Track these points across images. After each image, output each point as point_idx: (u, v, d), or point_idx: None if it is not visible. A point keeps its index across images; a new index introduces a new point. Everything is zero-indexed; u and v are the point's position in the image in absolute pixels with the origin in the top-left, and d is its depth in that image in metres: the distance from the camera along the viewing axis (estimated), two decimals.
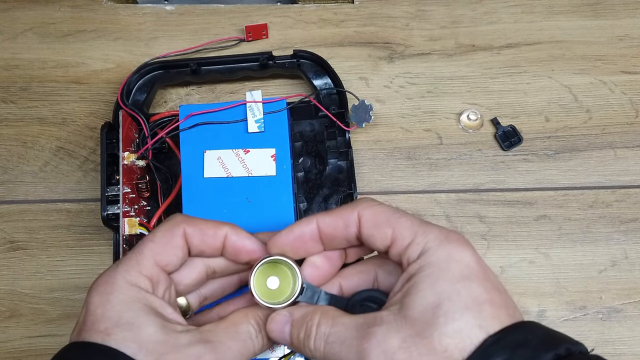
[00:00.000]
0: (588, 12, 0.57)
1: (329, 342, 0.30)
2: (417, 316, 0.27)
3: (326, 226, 0.32)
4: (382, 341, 0.27)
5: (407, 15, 0.57)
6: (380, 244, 0.31)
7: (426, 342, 0.27)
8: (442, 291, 0.28)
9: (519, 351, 0.26)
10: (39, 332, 0.48)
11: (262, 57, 0.52)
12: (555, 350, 0.26)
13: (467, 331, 0.27)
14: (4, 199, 0.52)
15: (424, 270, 0.29)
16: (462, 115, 0.53)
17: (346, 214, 0.32)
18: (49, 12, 0.57)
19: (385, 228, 0.31)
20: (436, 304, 0.27)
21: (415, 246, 0.29)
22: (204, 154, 0.46)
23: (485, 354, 0.26)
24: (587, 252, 0.49)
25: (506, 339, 0.26)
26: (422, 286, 0.28)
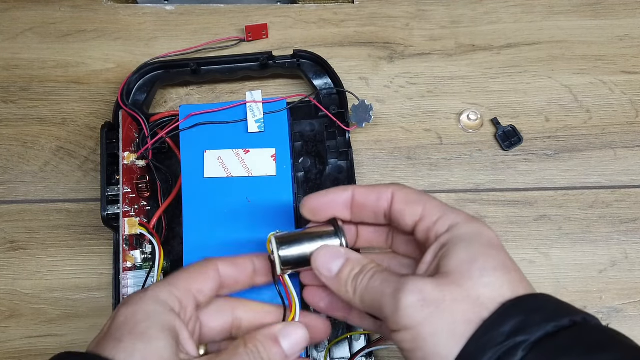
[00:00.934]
0: (588, 12, 0.57)
1: (370, 286, 0.32)
2: (452, 269, 0.30)
3: (361, 195, 0.35)
4: (417, 290, 0.29)
5: (407, 15, 0.57)
6: (409, 218, 0.33)
7: (460, 289, 0.29)
8: (476, 251, 0.30)
9: (534, 314, 0.28)
10: (39, 332, 0.48)
11: (262, 57, 0.52)
12: (571, 317, 0.28)
13: (498, 286, 0.29)
14: (4, 199, 0.52)
15: (456, 238, 0.31)
16: (462, 115, 0.53)
17: (381, 188, 0.35)
18: (49, 12, 0.57)
19: (416, 205, 0.33)
20: (471, 260, 0.30)
21: (444, 221, 0.32)
22: (204, 154, 0.46)
23: (505, 313, 0.28)
24: (587, 252, 0.49)
25: (524, 304, 0.29)
26: (457, 248, 0.31)
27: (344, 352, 0.45)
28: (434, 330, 0.28)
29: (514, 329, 0.27)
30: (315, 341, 0.38)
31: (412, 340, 0.29)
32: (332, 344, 0.45)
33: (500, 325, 0.28)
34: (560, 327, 0.28)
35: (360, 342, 0.45)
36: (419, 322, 0.29)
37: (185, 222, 0.44)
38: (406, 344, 0.29)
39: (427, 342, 0.28)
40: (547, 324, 0.27)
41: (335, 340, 0.45)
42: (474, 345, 0.28)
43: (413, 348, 0.29)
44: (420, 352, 0.29)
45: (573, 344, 0.27)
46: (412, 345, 0.29)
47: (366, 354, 0.45)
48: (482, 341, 0.27)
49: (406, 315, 0.29)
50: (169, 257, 0.47)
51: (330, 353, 0.45)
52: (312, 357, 0.45)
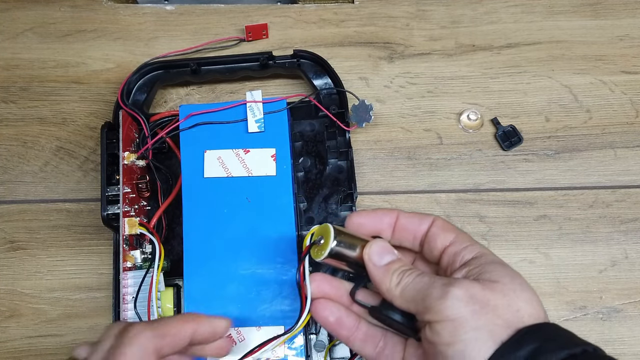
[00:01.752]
0: (588, 12, 0.57)
1: (417, 280, 0.33)
2: (496, 279, 0.32)
3: (405, 218, 0.37)
4: (465, 286, 0.31)
5: (407, 15, 0.57)
6: (440, 242, 0.36)
7: (504, 297, 0.31)
8: (512, 272, 0.32)
9: (550, 342, 0.29)
10: (39, 332, 0.48)
11: (262, 57, 0.52)
12: (583, 346, 0.30)
13: (535, 305, 0.31)
14: (4, 199, 0.52)
15: (490, 261, 0.33)
16: (462, 115, 0.53)
17: (424, 215, 0.37)
18: (49, 12, 0.57)
19: (449, 232, 0.36)
20: (512, 276, 0.32)
21: (472, 249, 0.34)
22: (204, 153, 0.46)
23: (521, 338, 0.29)
24: (587, 252, 0.49)
25: (540, 331, 0.30)
26: (495, 266, 0.33)
27: (344, 352, 0.45)
28: (477, 325, 0.30)
29: (530, 353, 0.28)
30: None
31: (453, 332, 0.30)
32: (332, 343, 0.45)
33: (517, 349, 0.29)
34: (571, 354, 0.29)
35: None
36: (463, 315, 0.30)
37: (185, 222, 0.45)
38: (445, 336, 0.30)
39: (468, 334, 0.29)
40: (562, 351, 0.29)
41: (335, 340, 0.45)
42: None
43: (452, 340, 0.30)
44: (459, 344, 0.30)
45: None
46: (451, 337, 0.30)
47: None
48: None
49: (452, 306, 0.30)
50: (168, 257, 0.47)
51: (331, 353, 0.45)
52: (312, 357, 0.45)
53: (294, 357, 0.42)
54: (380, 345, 0.36)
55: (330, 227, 0.35)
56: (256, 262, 0.44)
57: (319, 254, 0.35)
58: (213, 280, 0.43)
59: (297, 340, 0.42)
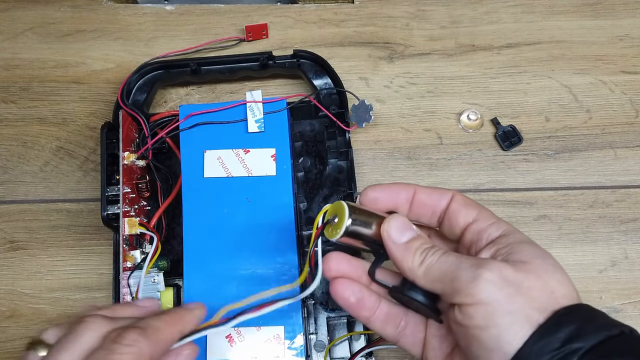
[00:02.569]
0: (588, 12, 0.57)
1: (443, 260, 0.32)
2: (527, 260, 0.30)
3: (423, 193, 0.36)
4: (497, 268, 0.30)
5: (407, 15, 0.57)
6: (463, 219, 0.34)
7: (538, 279, 0.30)
8: (542, 252, 0.31)
9: (588, 323, 0.29)
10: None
11: (262, 57, 0.52)
12: (621, 327, 0.29)
13: (568, 285, 0.30)
14: (4, 199, 0.52)
15: (519, 240, 0.32)
16: (462, 115, 0.53)
17: (442, 190, 0.36)
18: (49, 12, 0.57)
19: (472, 208, 0.34)
20: (543, 256, 0.31)
21: (497, 227, 0.33)
22: (204, 153, 0.46)
23: (559, 320, 0.29)
24: (587, 252, 0.49)
25: (577, 313, 0.29)
26: (524, 246, 0.31)
27: (344, 352, 0.45)
28: (512, 309, 0.29)
29: (569, 336, 0.28)
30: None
31: (487, 316, 0.29)
32: (332, 343, 0.45)
33: (556, 332, 0.28)
34: (610, 336, 0.28)
35: (360, 342, 0.45)
36: (497, 299, 0.29)
37: (185, 222, 0.45)
38: (479, 319, 0.29)
39: (504, 319, 0.28)
40: (600, 332, 0.28)
41: (335, 340, 0.45)
42: (530, 348, 0.28)
43: (487, 324, 0.29)
44: (494, 329, 0.29)
45: (624, 351, 0.28)
46: (485, 321, 0.29)
47: (366, 354, 0.45)
48: (538, 346, 0.28)
49: (485, 289, 0.29)
50: (169, 257, 0.47)
51: (330, 353, 0.45)
52: (312, 357, 0.45)
53: (294, 357, 0.42)
54: (402, 325, 0.35)
55: (344, 204, 0.34)
56: (256, 262, 0.44)
57: (333, 233, 0.34)
58: (213, 280, 0.43)
59: (297, 340, 0.42)
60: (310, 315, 0.46)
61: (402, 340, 0.36)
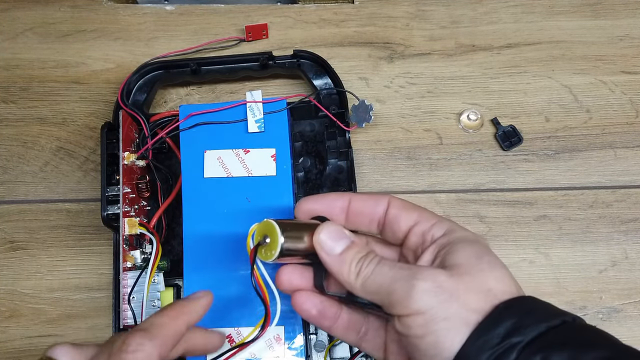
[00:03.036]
0: (588, 12, 0.57)
1: (378, 272, 0.32)
2: (462, 262, 0.30)
3: (358, 201, 0.36)
4: (431, 277, 0.30)
5: (407, 15, 0.57)
6: (404, 223, 0.34)
7: (473, 280, 0.30)
8: (480, 248, 0.31)
9: (527, 316, 0.28)
10: (39, 332, 0.48)
11: (262, 57, 0.52)
12: (562, 317, 0.29)
13: (507, 281, 0.30)
14: (4, 199, 0.52)
15: (457, 239, 0.32)
16: (462, 115, 0.53)
17: (378, 196, 0.36)
18: (49, 12, 0.57)
19: (411, 211, 0.34)
20: (479, 255, 0.31)
21: (440, 226, 0.33)
22: (204, 154, 0.46)
23: (498, 315, 0.29)
24: (587, 252, 0.49)
25: (516, 306, 0.29)
26: (462, 246, 0.31)
27: (343, 352, 0.45)
28: (447, 315, 0.29)
29: (509, 330, 0.28)
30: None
31: (424, 324, 0.29)
32: (332, 344, 0.45)
33: (494, 328, 0.28)
34: (551, 326, 0.28)
35: None
36: (432, 307, 0.29)
37: (185, 222, 0.45)
38: (416, 329, 0.29)
39: (439, 325, 0.29)
40: (540, 324, 0.28)
41: (335, 340, 0.45)
42: (470, 347, 0.28)
43: (423, 333, 0.29)
44: (431, 336, 0.29)
45: (564, 342, 0.27)
46: (422, 330, 0.29)
47: (365, 354, 0.45)
48: (478, 343, 0.28)
49: (420, 299, 0.29)
50: (169, 257, 0.47)
51: (330, 353, 0.45)
52: (312, 357, 0.45)
53: (294, 357, 0.42)
54: (363, 330, 0.36)
55: (272, 222, 0.33)
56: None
57: (268, 255, 0.33)
58: (213, 280, 0.43)
59: (297, 340, 0.42)
60: None
61: (363, 345, 0.36)
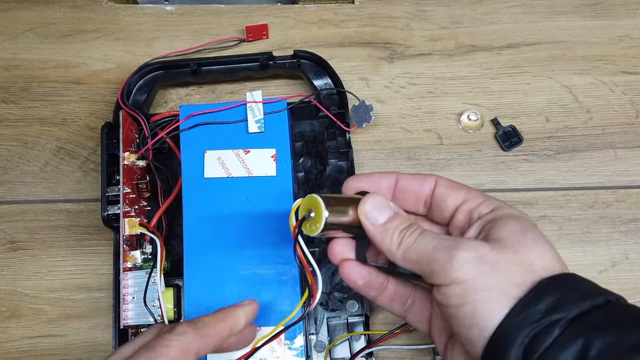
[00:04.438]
0: (588, 12, 0.57)
1: (419, 242, 0.31)
2: (506, 236, 0.30)
3: (405, 180, 0.36)
4: (473, 247, 0.30)
5: (408, 15, 0.57)
6: (452, 202, 0.34)
7: (515, 254, 0.30)
8: (525, 225, 0.31)
9: (570, 293, 0.28)
10: (39, 333, 0.48)
11: (263, 57, 0.52)
12: (605, 296, 0.28)
13: (550, 257, 0.30)
14: (5, 199, 0.52)
15: (503, 215, 0.32)
16: (463, 115, 0.53)
17: (425, 175, 0.36)
18: (49, 12, 0.58)
19: (459, 190, 0.35)
20: (524, 231, 0.31)
21: (488, 204, 0.33)
22: (204, 154, 0.46)
23: (540, 291, 0.28)
24: (588, 252, 0.49)
25: (559, 282, 0.29)
26: (506, 221, 0.31)
27: (344, 352, 0.45)
28: (487, 285, 0.28)
29: (550, 306, 0.27)
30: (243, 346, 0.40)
31: (463, 293, 0.29)
32: (333, 344, 0.45)
33: (536, 303, 0.28)
34: (594, 305, 0.28)
35: (360, 343, 0.45)
36: (472, 276, 0.29)
37: (185, 222, 0.45)
38: (454, 298, 0.29)
39: (478, 295, 0.28)
40: (583, 302, 0.28)
41: (335, 340, 0.45)
42: (510, 321, 0.28)
43: (462, 302, 0.29)
44: (469, 305, 0.29)
45: (609, 321, 0.27)
46: (460, 299, 0.29)
47: (366, 354, 0.45)
48: (518, 318, 0.28)
49: (460, 268, 0.29)
50: (169, 257, 0.47)
51: (331, 353, 0.45)
52: (313, 357, 0.45)
53: (294, 357, 0.42)
54: (409, 303, 0.36)
55: (317, 197, 0.33)
56: (256, 262, 0.44)
57: (312, 228, 0.33)
58: (213, 280, 0.43)
59: (297, 340, 0.42)
60: (311, 315, 0.46)
61: (409, 317, 0.36)
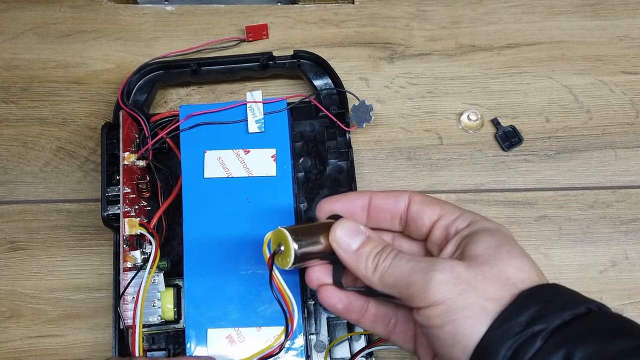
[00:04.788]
0: (588, 12, 0.57)
1: (395, 265, 0.32)
2: (481, 252, 0.30)
3: (379, 198, 0.36)
4: (449, 268, 0.30)
5: (408, 15, 0.57)
6: (427, 218, 0.34)
7: (491, 269, 0.30)
8: (501, 238, 0.31)
9: (551, 303, 0.28)
10: (39, 333, 0.48)
11: (263, 57, 0.52)
12: (587, 305, 0.29)
13: (527, 269, 0.30)
14: (4, 199, 0.52)
15: (479, 229, 0.32)
16: (463, 115, 0.53)
17: (398, 192, 0.36)
18: (49, 12, 0.58)
19: (434, 205, 0.35)
20: (499, 245, 0.31)
21: (464, 218, 0.33)
22: (204, 154, 0.46)
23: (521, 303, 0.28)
24: (588, 252, 0.49)
25: (540, 293, 0.29)
26: (482, 236, 0.31)
27: (344, 352, 0.45)
28: (465, 304, 0.29)
29: (531, 318, 0.28)
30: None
31: (443, 314, 0.29)
32: (333, 344, 0.45)
33: (517, 315, 0.28)
34: (576, 315, 0.28)
35: (360, 343, 0.45)
36: (451, 297, 0.29)
37: (185, 222, 0.45)
38: (435, 319, 0.29)
39: (458, 314, 0.29)
40: (564, 312, 0.28)
41: (335, 340, 0.45)
42: (492, 335, 0.28)
43: (442, 323, 0.29)
44: (449, 325, 0.29)
45: (591, 330, 0.27)
46: (441, 320, 0.29)
47: (366, 354, 0.45)
48: (500, 331, 0.28)
49: (438, 290, 0.29)
50: (169, 257, 0.47)
51: (331, 353, 0.45)
52: (312, 357, 0.45)
53: (294, 357, 0.42)
54: (392, 323, 0.36)
55: (284, 230, 0.33)
56: (256, 262, 0.44)
57: (284, 262, 0.33)
58: (213, 280, 0.43)
59: (297, 340, 0.42)
60: (311, 315, 0.46)
61: (393, 337, 0.36)
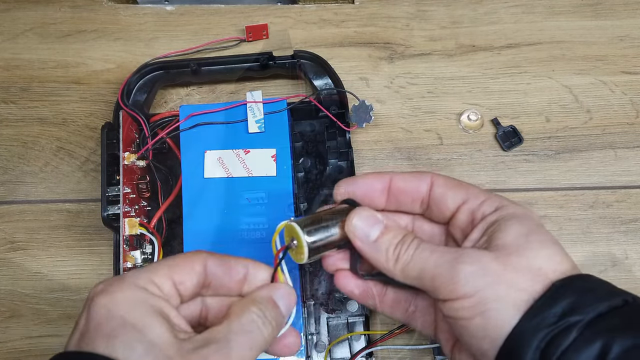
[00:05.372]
0: (588, 12, 0.57)
1: (417, 257, 0.30)
2: (509, 242, 0.29)
3: (399, 180, 0.34)
4: (477, 259, 0.29)
5: (408, 15, 0.57)
6: (452, 202, 0.33)
7: (521, 259, 0.29)
8: (530, 226, 0.30)
9: (586, 295, 0.27)
10: (39, 333, 0.48)
11: (263, 57, 0.52)
12: (623, 296, 0.28)
13: (559, 259, 0.29)
14: (5, 199, 0.52)
15: (507, 215, 0.31)
16: (463, 115, 0.53)
17: (420, 174, 0.34)
18: (49, 12, 0.57)
19: (458, 189, 0.33)
20: (528, 233, 0.29)
21: (491, 203, 0.32)
22: (204, 154, 0.46)
23: (555, 293, 0.28)
24: (588, 252, 0.49)
25: (574, 284, 0.28)
26: (510, 223, 0.30)
27: (344, 352, 0.45)
28: (497, 296, 0.28)
29: (567, 309, 0.27)
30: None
31: (472, 306, 0.28)
32: (333, 344, 0.45)
33: (551, 307, 0.27)
34: (612, 306, 0.27)
35: (360, 343, 0.45)
36: (481, 288, 0.28)
37: (186, 223, 0.45)
38: (464, 311, 0.28)
39: (489, 306, 0.28)
40: (600, 304, 0.27)
41: (335, 340, 0.45)
42: (524, 326, 0.27)
43: (472, 315, 0.28)
44: (479, 318, 0.28)
45: (628, 323, 0.27)
46: (470, 312, 0.28)
47: (366, 354, 0.45)
48: (533, 322, 0.27)
49: (466, 283, 0.28)
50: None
51: (331, 353, 0.45)
52: (313, 357, 0.45)
53: (294, 357, 0.42)
54: (411, 309, 0.35)
55: (293, 224, 0.32)
56: None
57: (298, 257, 0.32)
58: None
59: None
60: (311, 315, 0.46)
61: (412, 322, 0.35)
